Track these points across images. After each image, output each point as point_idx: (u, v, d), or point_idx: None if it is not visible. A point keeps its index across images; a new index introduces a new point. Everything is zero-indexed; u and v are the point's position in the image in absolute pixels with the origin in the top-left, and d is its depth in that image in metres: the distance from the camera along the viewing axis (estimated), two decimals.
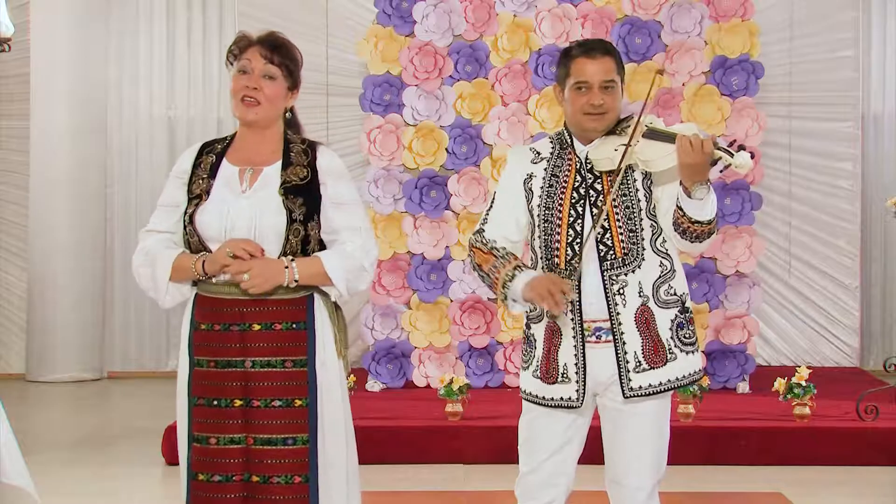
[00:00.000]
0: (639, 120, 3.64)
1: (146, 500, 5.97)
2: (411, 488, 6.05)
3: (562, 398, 3.72)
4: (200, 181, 3.63)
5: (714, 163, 3.54)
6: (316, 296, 3.62)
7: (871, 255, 9.19)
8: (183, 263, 3.58)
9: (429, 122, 7.76)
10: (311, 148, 3.68)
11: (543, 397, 3.75)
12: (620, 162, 3.61)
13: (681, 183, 3.58)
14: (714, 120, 7.69)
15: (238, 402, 3.55)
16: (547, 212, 3.71)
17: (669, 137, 3.59)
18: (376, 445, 6.52)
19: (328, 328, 3.63)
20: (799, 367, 6.82)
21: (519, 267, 3.69)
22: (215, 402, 3.56)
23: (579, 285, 3.66)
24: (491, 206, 3.83)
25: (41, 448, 6.69)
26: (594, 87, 3.68)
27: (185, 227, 3.62)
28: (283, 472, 3.55)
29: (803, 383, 6.56)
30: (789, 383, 6.59)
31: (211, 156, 3.68)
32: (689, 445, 6.41)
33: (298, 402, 3.57)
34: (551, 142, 3.81)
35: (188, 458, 3.58)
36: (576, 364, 3.69)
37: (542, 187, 3.73)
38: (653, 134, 3.63)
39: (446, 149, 7.77)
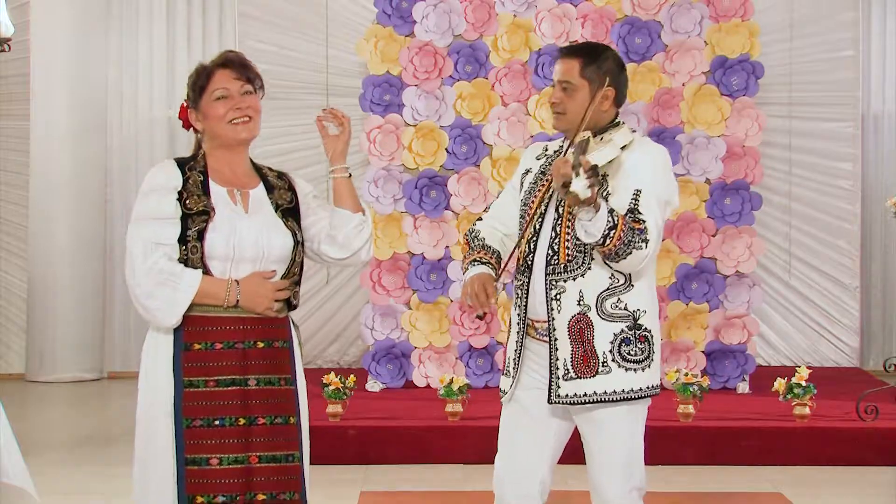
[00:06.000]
0: (575, 137, 3.60)
1: None
2: (411, 488, 6.05)
3: (503, 389, 3.84)
4: (196, 198, 3.58)
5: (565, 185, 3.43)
6: (290, 316, 3.70)
7: (871, 255, 9.19)
8: (210, 291, 3.51)
9: (429, 122, 7.76)
10: (283, 175, 3.76)
11: (499, 386, 3.90)
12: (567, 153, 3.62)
13: None
14: (714, 120, 7.69)
15: (242, 421, 3.54)
16: (524, 207, 3.77)
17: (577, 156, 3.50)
18: (376, 445, 6.53)
19: (297, 347, 3.71)
20: (799, 367, 6.81)
21: (476, 261, 3.77)
22: (216, 422, 3.52)
23: (528, 284, 3.70)
24: (497, 196, 3.95)
25: (41, 448, 6.69)
26: (556, 85, 3.72)
27: (185, 244, 3.54)
28: (287, 489, 3.57)
29: (803, 383, 6.56)
30: (789, 383, 6.59)
31: (195, 173, 3.62)
32: (689, 445, 6.42)
33: (292, 420, 3.61)
34: (563, 142, 3.82)
35: (180, 481, 3.52)
36: (514, 360, 3.76)
37: (530, 183, 3.78)
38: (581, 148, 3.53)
39: (446, 149, 7.77)
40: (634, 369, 3.65)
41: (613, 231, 3.48)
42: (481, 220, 3.91)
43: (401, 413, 6.92)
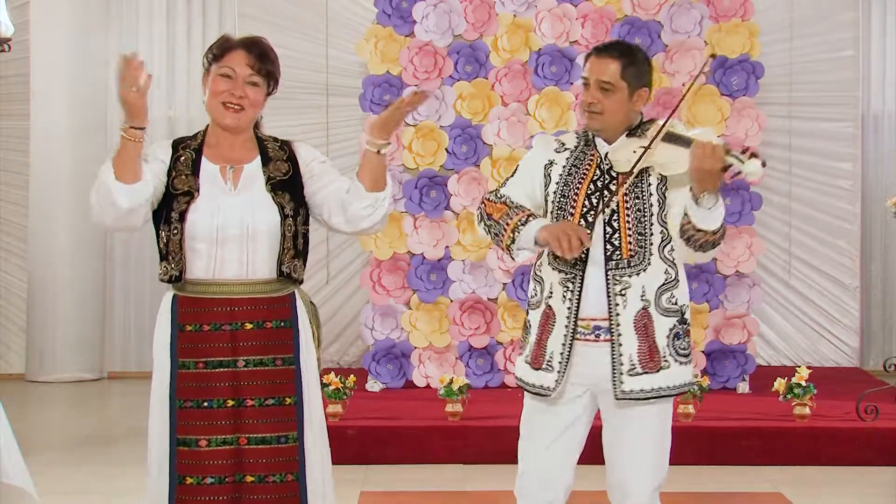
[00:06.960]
0: (664, 124, 3.63)
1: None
2: (411, 488, 6.05)
3: (541, 386, 3.73)
4: (184, 177, 3.59)
5: (725, 170, 3.51)
6: (297, 294, 3.67)
7: (871, 255, 9.19)
8: (119, 150, 3.48)
9: (429, 122, 7.76)
10: (286, 144, 3.72)
11: (528, 382, 3.78)
12: (635, 164, 3.61)
13: (690, 189, 3.57)
14: (714, 120, 7.68)
15: (230, 403, 3.54)
16: (562, 199, 3.72)
17: (686, 142, 3.58)
18: (376, 445, 6.53)
19: (307, 326, 3.70)
20: (799, 367, 6.81)
21: (533, 215, 3.69)
22: (205, 404, 3.54)
23: (581, 279, 3.67)
24: (512, 175, 3.85)
25: (41, 448, 6.68)
26: (591, 84, 3.68)
27: (168, 224, 3.56)
28: (278, 470, 3.57)
29: (803, 383, 6.56)
30: (789, 383, 6.59)
31: (188, 152, 3.65)
32: (689, 445, 6.41)
33: (289, 400, 3.59)
34: (576, 136, 3.81)
35: (172, 462, 3.55)
36: (561, 354, 3.69)
37: (560, 175, 3.74)
38: (671, 138, 3.61)
39: (446, 149, 7.76)
40: (686, 363, 3.70)
41: (722, 218, 3.59)
42: (500, 189, 3.82)
43: (401, 413, 6.92)
